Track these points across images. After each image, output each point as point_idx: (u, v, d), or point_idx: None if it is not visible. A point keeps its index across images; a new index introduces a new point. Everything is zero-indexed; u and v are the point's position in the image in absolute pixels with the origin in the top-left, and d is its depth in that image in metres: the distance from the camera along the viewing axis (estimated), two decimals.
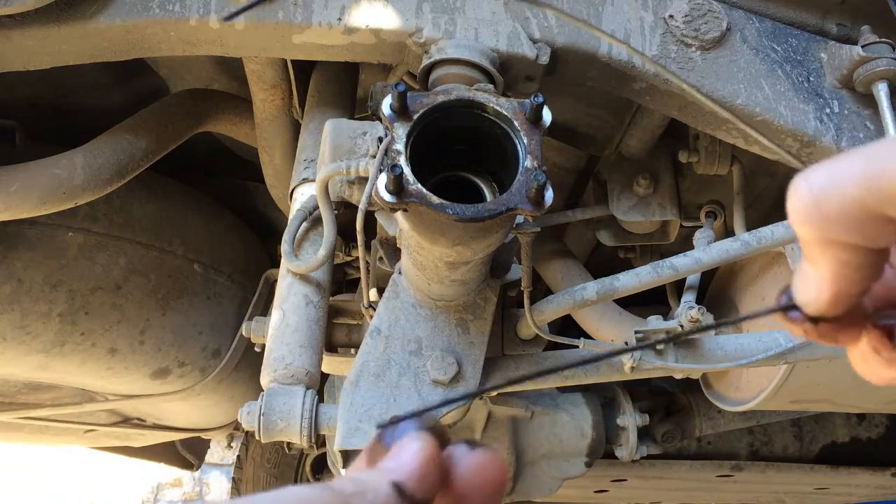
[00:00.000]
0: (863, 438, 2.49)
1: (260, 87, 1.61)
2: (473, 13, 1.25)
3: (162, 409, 2.45)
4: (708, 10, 1.28)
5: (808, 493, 2.66)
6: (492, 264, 1.20)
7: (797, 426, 2.47)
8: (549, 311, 1.30)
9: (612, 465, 2.32)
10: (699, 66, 1.27)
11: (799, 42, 1.34)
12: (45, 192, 1.55)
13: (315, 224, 1.33)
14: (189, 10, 1.24)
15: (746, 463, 2.42)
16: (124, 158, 1.65)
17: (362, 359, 1.17)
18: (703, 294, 1.78)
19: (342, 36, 1.24)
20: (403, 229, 1.00)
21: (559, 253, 1.80)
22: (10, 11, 1.20)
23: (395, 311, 1.20)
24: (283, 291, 1.28)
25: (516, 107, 0.87)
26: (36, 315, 1.86)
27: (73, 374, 2.05)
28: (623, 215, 1.66)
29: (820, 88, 1.30)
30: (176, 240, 2.05)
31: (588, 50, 1.25)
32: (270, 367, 1.19)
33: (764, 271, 1.68)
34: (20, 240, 1.82)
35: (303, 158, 1.44)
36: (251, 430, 1.13)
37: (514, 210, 0.83)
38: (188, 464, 3.26)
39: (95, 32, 1.26)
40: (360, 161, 1.15)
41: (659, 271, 1.29)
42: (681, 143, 1.64)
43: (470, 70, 1.18)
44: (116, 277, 1.93)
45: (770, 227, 1.27)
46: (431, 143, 0.89)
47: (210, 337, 2.15)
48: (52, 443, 2.86)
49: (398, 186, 0.81)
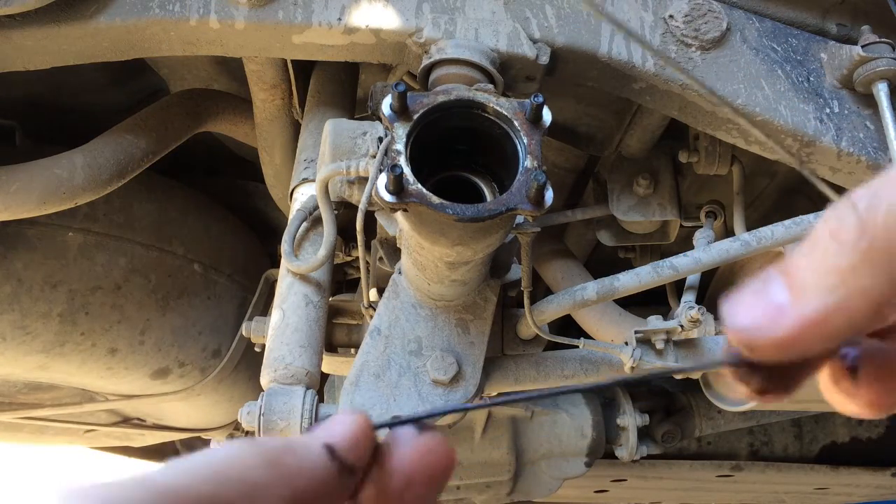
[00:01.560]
0: (863, 438, 2.49)
1: (260, 87, 1.61)
2: (473, 13, 1.25)
3: (162, 409, 2.45)
4: (708, 10, 1.28)
5: (808, 493, 2.66)
6: (492, 264, 1.20)
7: (797, 426, 2.47)
8: (549, 311, 1.30)
9: (612, 465, 2.32)
10: (699, 66, 1.27)
11: (799, 42, 1.34)
12: (45, 192, 1.55)
13: (315, 224, 1.33)
14: (189, 10, 1.24)
15: (746, 463, 2.41)
16: (124, 158, 1.65)
17: (362, 359, 1.17)
18: (703, 294, 1.78)
19: (342, 36, 1.24)
20: (403, 229, 1.00)
21: (559, 253, 1.79)
22: (10, 11, 1.20)
23: (395, 311, 1.20)
24: (283, 291, 1.28)
25: (516, 107, 0.87)
26: (36, 315, 1.86)
27: (73, 374, 2.05)
28: (623, 215, 1.66)
29: (820, 88, 1.30)
30: (176, 240, 2.05)
31: (588, 50, 1.25)
32: (270, 367, 1.19)
33: (764, 271, 1.68)
34: (20, 240, 1.82)
35: (303, 158, 1.44)
36: (251, 430, 1.13)
37: (514, 210, 0.83)
38: None
39: (95, 32, 1.26)
40: (360, 161, 1.15)
41: (659, 271, 1.29)
42: (681, 143, 1.64)
43: (470, 70, 1.18)
44: (116, 277, 1.93)
45: (770, 227, 1.27)
46: (431, 143, 0.89)
47: (210, 337, 2.15)
48: (52, 443, 2.86)
49: (398, 186, 0.81)
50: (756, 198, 1.88)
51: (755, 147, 1.33)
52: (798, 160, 1.30)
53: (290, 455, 0.40)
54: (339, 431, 0.43)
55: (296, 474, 0.39)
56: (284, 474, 0.39)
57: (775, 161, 1.35)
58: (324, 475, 0.41)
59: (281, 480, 0.39)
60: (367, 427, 0.44)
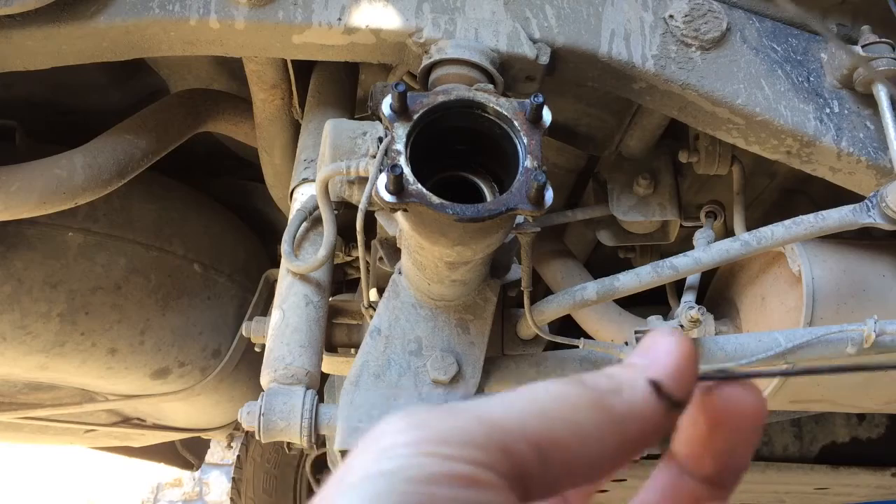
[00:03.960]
0: (863, 438, 2.49)
1: (260, 87, 1.61)
2: (473, 13, 1.25)
3: (162, 409, 2.45)
4: (708, 10, 1.28)
5: (808, 493, 2.66)
6: (492, 264, 1.20)
7: (797, 426, 2.47)
8: (549, 311, 1.30)
9: None
10: (699, 66, 1.27)
11: (799, 42, 1.34)
12: (45, 192, 1.55)
13: (315, 224, 1.33)
14: (189, 10, 1.24)
15: None
16: (124, 158, 1.65)
17: (362, 359, 1.17)
18: (703, 294, 1.78)
19: (342, 36, 1.24)
20: (403, 229, 1.00)
21: (559, 253, 1.79)
22: (10, 11, 1.20)
23: (395, 311, 1.20)
24: (283, 291, 1.28)
25: (516, 107, 0.87)
26: (36, 315, 1.86)
27: (73, 374, 2.05)
28: (623, 215, 1.66)
29: (820, 88, 1.30)
30: (176, 240, 2.05)
31: (588, 50, 1.25)
32: (270, 367, 1.19)
33: (764, 271, 1.68)
34: (20, 240, 1.82)
35: (303, 158, 1.44)
36: (251, 430, 1.13)
37: (514, 210, 0.83)
38: (188, 464, 3.25)
39: (95, 32, 1.25)
40: (360, 161, 1.15)
41: (659, 271, 1.29)
42: (681, 143, 1.63)
43: (470, 70, 1.18)
44: (116, 277, 1.93)
45: (770, 227, 1.27)
46: (431, 144, 0.89)
47: (210, 337, 2.15)
48: (52, 443, 2.86)
49: (398, 186, 0.81)
50: (756, 198, 1.88)
51: (755, 147, 1.33)
52: (798, 160, 1.30)
53: (616, 397, 0.38)
54: (664, 363, 0.39)
55: (625, 417, 0.38)
56: (614, 419, 0.37)
57: (775, 161, 1.34)
58: (652, 416, 0.38)
59: (611, 426, 0.37)
60: (692, 354, 0.40)
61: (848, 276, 1.45)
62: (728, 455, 0.42)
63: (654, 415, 0.39)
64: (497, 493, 0.33)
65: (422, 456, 0.33)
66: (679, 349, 0.40)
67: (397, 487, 0.31)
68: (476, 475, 0.33)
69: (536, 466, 0.35)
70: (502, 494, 0.33)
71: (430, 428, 0.34)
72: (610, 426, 0.37)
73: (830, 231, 1.25)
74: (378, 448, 0.34)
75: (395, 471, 0.32)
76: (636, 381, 0.39)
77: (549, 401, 0.37)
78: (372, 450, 0.34)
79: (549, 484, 0.36)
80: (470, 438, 0.34)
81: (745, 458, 0.42)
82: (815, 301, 1.43)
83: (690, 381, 0.40)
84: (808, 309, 1.44)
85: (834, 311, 1.44)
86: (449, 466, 0.32)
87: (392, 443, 0.34)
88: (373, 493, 0.31)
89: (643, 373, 0.39)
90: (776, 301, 1.60)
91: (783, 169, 1.76)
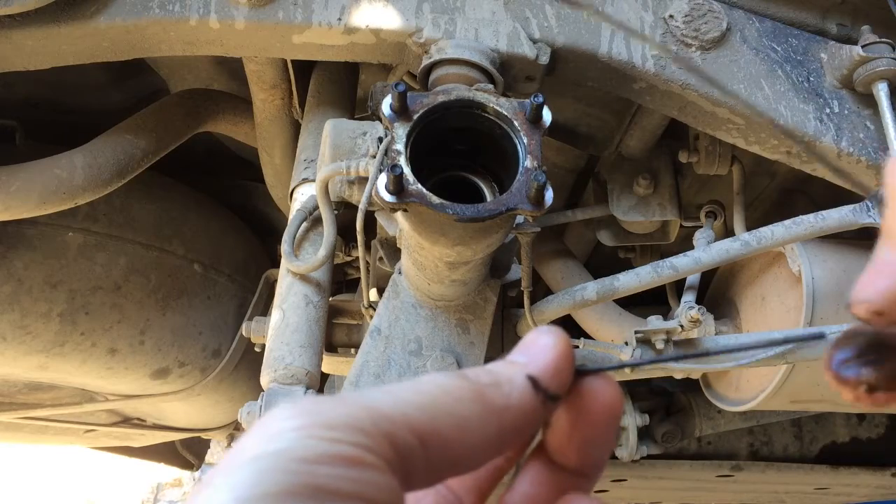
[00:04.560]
0: (863, 438, 2.49)
1: (260, 87, 1.61)
2: (473, 13, 1.25)
3: (162, 409, 2.45)
4: (708, 10, 1.28)
5: (808, 493, 2.65)
6: (492, 264, 1.20)
7: (797, 426, 2.47)
8: (549, 311, 1.30)
9: (612, 465, 2.31)
10: (699, 66, 1.27)
11: (799, 42, 1.34)
12: (45, 192, 1.55)
13: (315, 224, 1.33)
14: (189, 11, 1.24)
15: (746, 463, 2.41)
16: (124, 158, 1.65)
17: (362, 359, 1.17)
18: (703, 294, 1.78)
19: (342, 36, 1.24)
20: (403, 229, 1.00)
21: (559, 253, 1.79)
22: (10, 11, 1.20)
23: (395, 311, 1.20)
24: (283, 291, 1.28)
25: (516, 107, 0.87)
26: (36, 315, 1.86)
27: (73, 374, 2.05)
28: (623, 215, 1.66)
29: (820, 88, 1.30)
30: (176, 240, 2.05)
31: (588, 50, 1.25)
32: (270, 367, 1.19)
33: (764, 271, 1.68)
34: (20, 240, 1.82)
35: (303, 158, 1.44)
36: None
37: (514, 210, 0.83)
38: (188, 464, 3.26)
39: (95, 32, 1.26)
40: (360, 161, 1.15)
41: (659, 271, 1.29)
42: (681, 143, 1.63)
43: (470, 70, 1.18)
44: (116, 277, 1.93)
45: (770, 227, 1.27)
46: (431, 144, 0.88)
47: (210, 337, 2.15)
48: (52, 443, 2.86)
49: (398, 186, 0.81)
50: (756, 198, 1.88)
51: (755, 147, 1.33)
52: (798, 160, 1.30)
53: (496, 390, 0.40)
54: (541, 360, 0.42)
55: (503, 410, 0.40)
56: (493, 411, 0.39)
57: (775, 161, 1.34)
58: (529, 409, 0.41)
59: (490, 417, 0.39)
60: (569, 353, 0.43)
61: (848, 276, 1.45)
62: (588, 447, 0.44)
63: (531, 408, 0.41)
64: (380, 474, 0.35)
65: (309, 438, 0.34)
66: (556, 347, 0.43)
67: (283, 466, 0.33)
68: (360, 456, 0.34)
69: (419, 454, 0.37)
70: (385, 476, 0.35)
71: (317, 414, 0.35)
72: (489, 417, 0.39)
73: (830, 231, 1.25)
74: (267, 432, 0.35)
75: (282, 451, 0.34)
76: (515, 376, 0.41)
77: (433, 393, 0.39)
78: (261, 433, 0.35)
79: (430, 471, 0.38)
80: (356, 424, 0.35)
81: (604, 450, 0.45)
82: (814, 301, 1.43)
83: (566, 377, 0.43)
84: (808, 309, 1.44)
85: (834, 310, 1.44)
86: (335, 448, 0.34)
87: (280, 427, 0.35)
88: (260, 471, 0.33)
89: (523, 369, 0.42)
90: (776, 301, 1.60)
91: (783, 169, 1.76)
